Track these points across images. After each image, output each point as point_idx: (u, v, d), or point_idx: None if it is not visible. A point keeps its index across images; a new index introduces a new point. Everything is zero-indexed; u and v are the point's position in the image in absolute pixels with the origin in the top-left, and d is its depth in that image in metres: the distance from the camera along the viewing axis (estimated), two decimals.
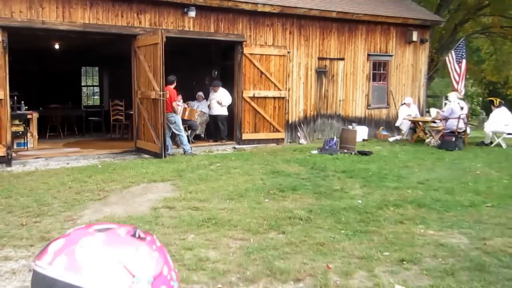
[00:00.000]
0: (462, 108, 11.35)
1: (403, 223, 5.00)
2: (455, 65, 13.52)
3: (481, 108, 17.23)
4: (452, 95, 11.81)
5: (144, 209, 5.69)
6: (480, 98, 17.32)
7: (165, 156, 9.21)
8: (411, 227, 4.83)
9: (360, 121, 13.18)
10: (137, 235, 0.85)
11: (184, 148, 9.91)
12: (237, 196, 6.21)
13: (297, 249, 4.29)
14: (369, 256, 4.02)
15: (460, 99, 12.20)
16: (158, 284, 0.81)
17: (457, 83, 13.52)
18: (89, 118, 14.62)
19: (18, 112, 10.12)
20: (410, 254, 4.03)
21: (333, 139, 10.54)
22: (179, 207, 5.73)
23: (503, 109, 11.64)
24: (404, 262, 3.87)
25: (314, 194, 6.36)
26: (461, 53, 13.71)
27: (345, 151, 10.10)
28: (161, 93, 9.00)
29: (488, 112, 13.15)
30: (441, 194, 6.29)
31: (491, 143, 11.53)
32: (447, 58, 14.03)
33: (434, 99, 18.78)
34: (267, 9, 11.04)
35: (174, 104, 9.76)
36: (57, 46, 12.94)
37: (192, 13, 10.02)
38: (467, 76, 15.80)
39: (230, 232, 4.78)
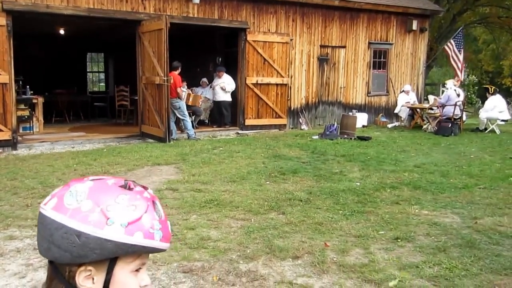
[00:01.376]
0: (458, 95, 11.38)
1: (398, 204, 5.06)
2: (457, 53, 13.48)
3: (476, 96, 17.17)
4: (449, 83, 11.83)
5: None
6: (476, 87, 17.26)
7: (169, 141, 9.26)
8: (406, 208, 4.89)
9: (360, 108, 13.19)
10: (126, 186, 0.89)
11: (188, 133, 9.96)
12: (239, 179, 6.27)
13: (296, 228, 4.36)
14: (365, 234, 4.09)
15: (457, 86, 12.20)
16: (132, 229, 0.84)
17: (460, 71, 13.53)
18: (95, 104, 14.65)
19: (23, 96, 10.13)
20: (405, 233, 4.10)
21: (333, 124, 10.59)
22: (182, 189, 5.79)
23: (498, 97, 11.71)
24: (399, 240, 3.94)
25: (314, 176, 6.41)
26: (460, 42, 13.66)
27: (345, 136, 10.14)
28: (165, 78, 9.01)
29: (484, 100, 13.16)
30: (436, 177, 6.35)
31: (486, 129, 11.61)
32: (446, 46, 13.97)
33: (432, 87, 18.78)
34: None
35: (178, 89, 9.77)
36: (62, 32, 12.90)
37: (197, 0, 9.95)
38: (465, 65, 15.79)
39: (232, 213, 4.85)
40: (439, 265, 3.39)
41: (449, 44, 13.79)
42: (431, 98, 13.19)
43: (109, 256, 0.85)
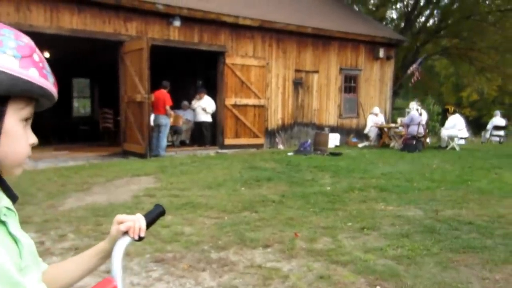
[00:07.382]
0: (421, 114, 11.69)
1: (366, 202, 5.06)
2: (416, 70, 14.19)
3: (440, 125, 17.55)
4: (412, 104, 12.18)
5: (125, 197, 5.63)
6: (440, 116, 17.65)
7: (150, 156, 9.14)
8: (373, 205, 4.89)
9: (333, 129, 13.31)
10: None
11: (159, 150, 9.75)
12: (215, 186, 6.20)
13: (268, 223, 4.30)
14: (334, 226, 4.06)
15: (420, 107, 12.59)
16: (27, 63, 0.71)
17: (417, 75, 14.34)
18: (80, 127, 14.42)
19: None
20: (371, 224, 4.08)
21: (307, 141, 10.66)
22: (159, 195, 5.69)
23: (457, 116, 12.07)
24: (365, 230, 3.92)
25: (287, 183, 6.38)
26: (420, 65, 14.40)
27: (318, 152, 10.20)
28: (146, 95, 8.97)
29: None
30: (401, 181, 6.40)
31: (447, 146, 11.90)
32: (412, 67, 14.63)
33: (399, 110, 19.25)
34: (248, 22, 11.15)
35: (167, 107, 9.68)
36: (47, 55, 12.74)
37: (177, 23, 9.99)
38: (429, 95, 16.46)
39: (206, 213, 4.77)
40: (402, 248, 3.36)
41: (413, 65, 14.43)
42: (399, 120, 13.49)
43: (1, 92, 0.68)
